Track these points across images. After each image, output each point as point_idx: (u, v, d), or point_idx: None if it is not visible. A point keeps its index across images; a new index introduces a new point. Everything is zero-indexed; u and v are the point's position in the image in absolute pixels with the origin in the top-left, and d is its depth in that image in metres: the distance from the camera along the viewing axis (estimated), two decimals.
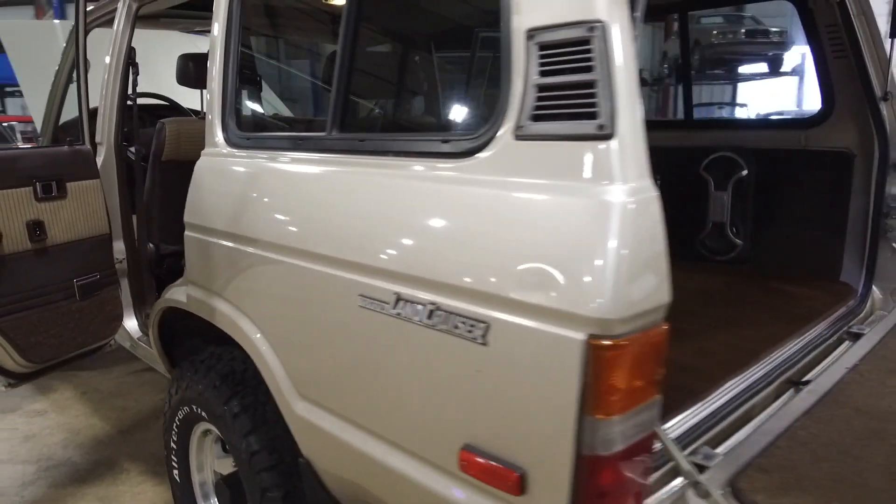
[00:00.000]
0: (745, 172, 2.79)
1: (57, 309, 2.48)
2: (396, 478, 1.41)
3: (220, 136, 1.95)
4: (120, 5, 2.69)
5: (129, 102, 2.69)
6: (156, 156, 2.76)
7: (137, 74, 2.66)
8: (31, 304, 2.41)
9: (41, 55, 4.89)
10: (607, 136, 1.05)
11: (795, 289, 2.50)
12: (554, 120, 1.12)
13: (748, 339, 2.01)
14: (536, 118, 1.14)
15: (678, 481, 1.34)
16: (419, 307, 1.27)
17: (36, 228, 2.43)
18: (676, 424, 1.51)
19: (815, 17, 2.47)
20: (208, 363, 2.04)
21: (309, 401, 1.64)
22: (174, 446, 2.26)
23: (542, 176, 1.13)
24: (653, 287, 1.05)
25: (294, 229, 1.60)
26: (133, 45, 2.69)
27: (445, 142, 1.32)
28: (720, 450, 1.47)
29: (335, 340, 1.51)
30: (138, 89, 2.69)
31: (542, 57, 1.13)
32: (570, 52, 1.09)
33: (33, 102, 4.79)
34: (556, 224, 1.08)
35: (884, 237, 2.45)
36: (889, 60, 2.38)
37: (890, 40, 2.36)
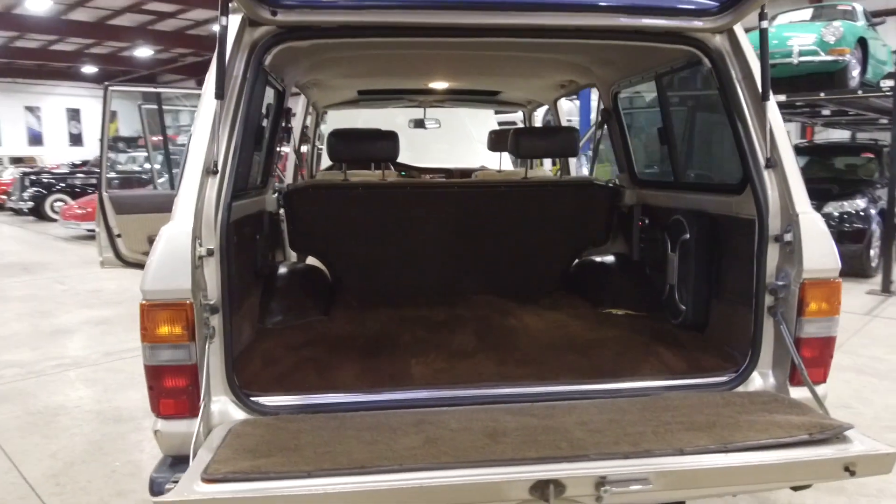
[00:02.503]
0: (686, 236, 2.70)
1: None
2: None
3: None
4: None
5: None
6: None
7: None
8: None
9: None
10: (177, 193, 1.95)
11: (671, 356, 2.45)
12: None
13: (497, 377, 2.32)
14: None
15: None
16: None
17: None
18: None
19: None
20: None
21: None
22: None
23: None
24: (173, 279, 1.88)
25: None
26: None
27: None
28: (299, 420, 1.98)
29: None
30: None
31: None
32: None
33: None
34: None
35: (772, 316, 2.23)
36: (765, 125, 2.22)
37: (763, 104, 2.22)
